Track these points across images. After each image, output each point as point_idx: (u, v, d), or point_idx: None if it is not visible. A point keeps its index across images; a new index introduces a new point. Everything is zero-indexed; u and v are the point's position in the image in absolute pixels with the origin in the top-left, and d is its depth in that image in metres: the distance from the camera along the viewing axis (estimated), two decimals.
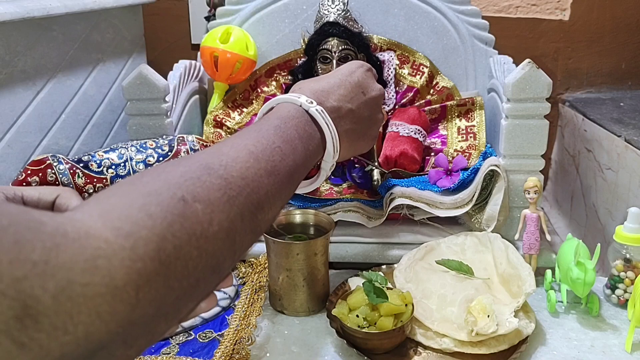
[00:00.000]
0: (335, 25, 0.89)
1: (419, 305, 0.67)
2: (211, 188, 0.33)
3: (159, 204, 0.30)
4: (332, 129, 0.50)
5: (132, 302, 0.26)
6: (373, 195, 0.88)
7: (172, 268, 0.29)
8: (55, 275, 0.23)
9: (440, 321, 0.65)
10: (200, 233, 0.31)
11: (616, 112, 1.03)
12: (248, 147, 0.39)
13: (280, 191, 0.40)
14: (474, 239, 0.78)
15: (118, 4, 0.99)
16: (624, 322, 0.70)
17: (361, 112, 0.55)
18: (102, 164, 0.71)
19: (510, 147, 0.82)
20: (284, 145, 0.42)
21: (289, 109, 0.48)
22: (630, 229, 0.71)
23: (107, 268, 0.25)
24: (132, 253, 0.27)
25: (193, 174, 0.34)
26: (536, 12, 1.17)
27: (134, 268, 0.26)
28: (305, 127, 0.47)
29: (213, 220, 0.32)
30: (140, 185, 0.31)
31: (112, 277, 0.25)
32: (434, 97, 0.99)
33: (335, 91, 0.53)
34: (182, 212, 0.30)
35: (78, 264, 0.24)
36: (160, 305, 0.28)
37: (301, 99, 0.49)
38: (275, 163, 0.40)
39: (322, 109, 0.49)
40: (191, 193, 0.32)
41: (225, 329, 0.69)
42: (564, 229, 1.10)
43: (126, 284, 0.26)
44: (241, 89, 1.04)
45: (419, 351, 0.65)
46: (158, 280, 0.28)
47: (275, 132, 0.43)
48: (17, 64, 0.78)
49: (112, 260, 0.26)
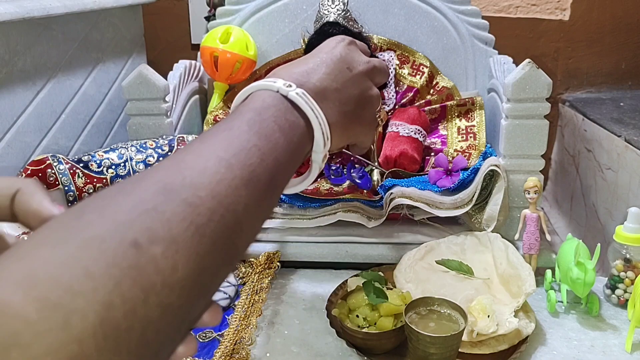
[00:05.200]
0: (335, 25, 0.89)
1: None
2: (173, 220, 0.26)
3: (101, 255, 0.23)
4: (318, 112, 0.42)
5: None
6: (373, 195, 0.88)
7: (123, 342, 0.22)
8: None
9: None
10: (162, 285, 0.24)
11: (616, 112, 1.03)
12: (217, 153, 0.32)
13: (261, 201, 0.33)
14: (474, 239, 0.78)
15: (118, 3, 0.99)
16: (624, 322, 0.70)
17: (349, 90, 0.47)
18: (102, 164, 0.71)
19: (510, 147, 0.82)
20: (262, 142, 0.35)
21: (263, 97, 0.41)
22: (630, 229, 0.71)
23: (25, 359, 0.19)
24: (62, 334, 0.20)
25: (148, 203, 0.26)
26: (536, 12, 1.17)
27: (65, 354, 0.20)
28: (285, 115, 0.40)
29: (177, 263, 0.25)
30: (79, 227, 0.24)
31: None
32: (434, 97, 0.99)
33: (316, 70, 0.46)
34: (134, 263, 0.24)
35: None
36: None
37: (277, 83, 0.42)
38: (254, 167, 0.33)
39: (303, 92, 0.42)
40: (146, 232, 0.25)
41: (225, 329, 0.69)
42: (564, 229, 1.10)
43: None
44: (241, 89, 1.03)
45: None
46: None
47: (250, 128, 0.36)
48: (16, 64, 0.78)
49: (33, 347, 0.20)
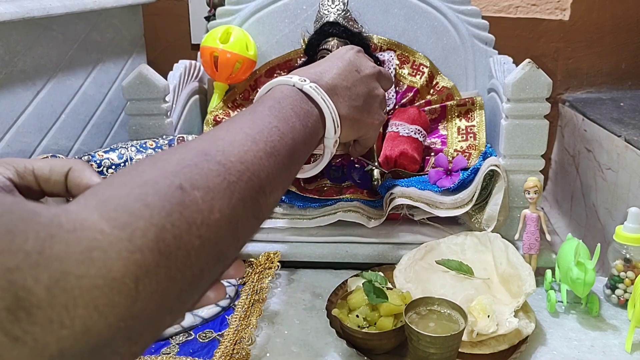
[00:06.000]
0: (335, 25, 0.89)
1: None
2: (209, 174, 0.32)
3: (156, 193, 0.29)
4: (329, 103, 0.50)
5: (132, 294, 0.25)
6: (373, 195, 0.88)
7: (172, 259, 0.28)
8: (49, 267, 0.23)
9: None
10: (201, 221, 0.30)
11: (616, 112, 1.03)
12: (244, 130, 0.38)
13: (281, 172, 0.39)
14: (474, 239, 0.78)
15: (118, 3, 0.99)
16: (624, 322, 0.70)
17: (358, 88, 0.56)
18: (102, 164, 0.71)
19: (510, 147, 0.82)
20: (281, 125, 0.42)
21: (282, 89, 0.48)
22: (630, 229, 0.71)
23: (104, 260, 0.25)
24: (129, 244, 0.26)
25: (190, 161, 0.33)
26: (536, 12, 1.17)
27: (132, 259, 0.25)
28: (301, 104, 0.47)
29: (214, 207, 0.31)
30: (136, 175, 0.30)
31: (109, 269, 0.24)
32: (434, 97, 0.99)
33: (329, 71, 0.54)
34: (180, 201, 0.30)
35: (73, 256, 0.24)
36: (162, 297, 0.27)
37: (294, 78, 0.49)
38: (274, 143, 0.39)
39: (316, 86, 0.49)
40: (189, 181, 0.31)
41: (225, 329, 0.69)
42: (564, 229, 1.10)
43: (124, 276, 0.25)
44: (241, 89, 1.04)
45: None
46: (159, 272, 0.27)
47: (271, 112, 0.43)
48: (16, 64, 0.78)
49: (109, 251, 0.25)
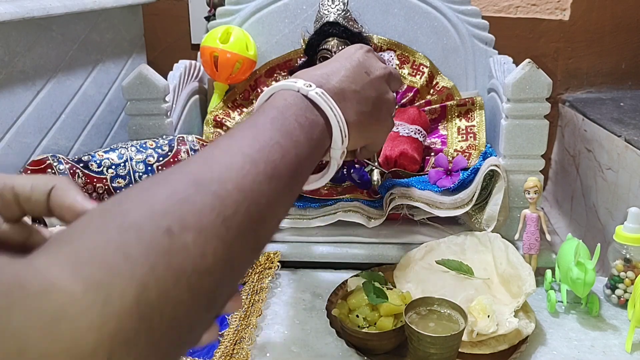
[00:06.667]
0: (335, 25, 0.89)
1: None
2: (203, 210, 0.28)
3: (139, 240, 0.25)
4: (337, 111, 0.46)
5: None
6: (373, 195, 0.88)
7: (155, 322, 0.24)
8: (5, 343, 0.20)
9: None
10: (192, 270, 0.26)
11: (616, 112, 1.03)
12: (243, 150, 0.34)
13: (283, 195, 0.36)
14: (474, 239, 0.78)
15: (118, 4, 0.99)
16: (624, 322, 0.70)
17: (367, 92, 0.51)
18: (102, 164, 0.71)
19: (510, 147, 0.82)
20: (284, 140, 0.38)
21: (285, 96, 0.44)
22: (630, 229, 0.71)
23: (72, 332, 0.21)
24: (103, 310, 0.22)
25: (181, 194, 0.29)
26: (536, 12, 1.17)
27: (106, 330, 0.22)
28: (305, 114, 0.43)
29: (207, 251, 0.27)
30: (118, 215, 0.27)
31: (76, 344, 0.21)
32: (434, 97, 0.99)
33: (336, 73, 0.50)
34: (167, 249, 0.26)
35: (35, 330, 0.20)
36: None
37: (298, 83, 0.45)
38: (276, 163, 0.36)
39: (322, 91, 0.45)
40: (179, 221, 0.27)
41: (225, 329, 0.69)
42: (564, 229, 1.10)
43: (95, 351, 0.22)
44: (241, 89, 1.04)
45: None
46: (138, 341, 0.23)
47: (273, 125, 0.39)
48: (16, 65, 0.78)
49: (79, 321, 0.21)
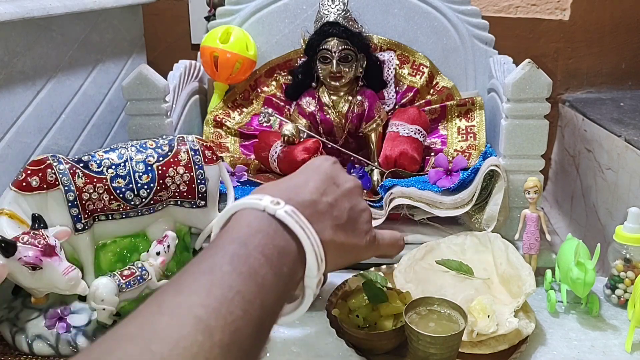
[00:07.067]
0: (335, 25, 0.89)
1: None
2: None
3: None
4: (310, 232, 0.39)
5: None
6: (373, 195, 0.88)
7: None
8: None
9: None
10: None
11: (616, 112, 1.03)
12: (195, 311, 0.29)
13: (246, 357, 0.31)
14: (474, 239, 0.78)
15: (118, 4, 0.99)
16: (624, 322, 0.70)
17: (340, 204, 0.44)
18: (102, 164, 0.71)
19: (510, 147, 0.82)
20: (247, 286, 0.32)
21: (249, 220, 0.38)
22: (630, 229, 0.71)
23: None
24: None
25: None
26: (536, 12, 1.17)
27: None
28: (274, 241, 0.37)
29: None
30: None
31: None
32: (434, 97, 0.99)
33: (305, 185, 0.43)
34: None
35: None
36: None
37: (264, 200, 0.39)
38: (236, 324, 0.30)
39: (292, 209, 0.39)
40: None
41: None
42: (564, 229, 1.10)
43: None
44: (241, 89, 1.04)
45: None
46: None
47: (233, 268, 0.33)
48: (16, 65, 0.78)
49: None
